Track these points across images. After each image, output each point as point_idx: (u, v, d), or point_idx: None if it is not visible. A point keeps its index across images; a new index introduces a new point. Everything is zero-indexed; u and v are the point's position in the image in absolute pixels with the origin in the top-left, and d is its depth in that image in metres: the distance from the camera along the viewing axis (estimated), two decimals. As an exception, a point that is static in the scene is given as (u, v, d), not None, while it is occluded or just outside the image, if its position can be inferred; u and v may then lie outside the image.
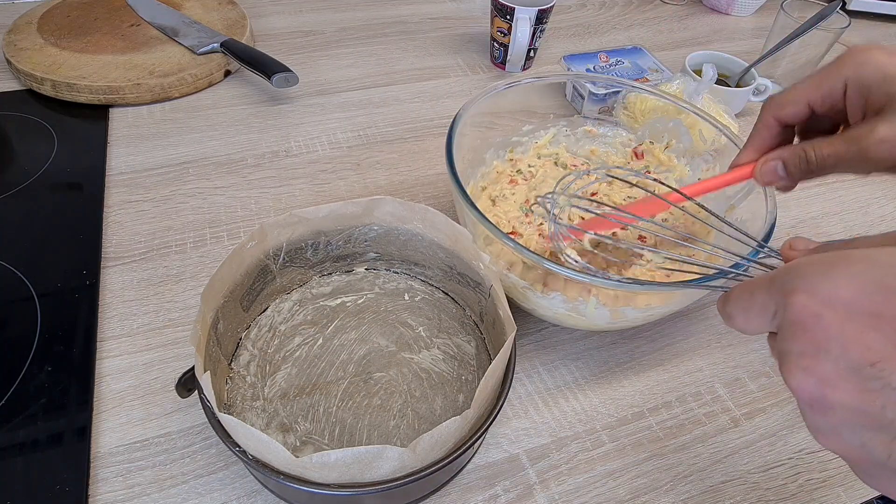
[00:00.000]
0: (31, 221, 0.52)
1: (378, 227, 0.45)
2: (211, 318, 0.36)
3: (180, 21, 0.73)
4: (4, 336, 0.43)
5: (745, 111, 0.74)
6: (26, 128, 0.61)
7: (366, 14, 0.86)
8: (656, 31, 0.90)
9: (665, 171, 0.55)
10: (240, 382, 0.40)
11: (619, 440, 0.42)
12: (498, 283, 0.39)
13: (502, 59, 0.76)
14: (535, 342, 0.47)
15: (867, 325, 0.20)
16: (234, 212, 0.55)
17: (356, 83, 0.72)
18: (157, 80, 0.65)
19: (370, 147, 0.64)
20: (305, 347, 0.43)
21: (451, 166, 0.43)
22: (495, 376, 0.33)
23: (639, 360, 0.47)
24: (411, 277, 0.48)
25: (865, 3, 0.98)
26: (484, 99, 0.49)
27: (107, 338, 0.44)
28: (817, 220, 0.61)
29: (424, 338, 0.44)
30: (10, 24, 0.71)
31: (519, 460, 0.40)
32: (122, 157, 0.59)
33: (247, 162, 0.60)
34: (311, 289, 0.46)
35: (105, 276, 0.48)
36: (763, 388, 0.46)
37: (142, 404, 0.41)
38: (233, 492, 0.37)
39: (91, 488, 0.36)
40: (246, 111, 0.66)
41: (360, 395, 0.40)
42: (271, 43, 0.78)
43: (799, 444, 0.42)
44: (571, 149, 0.58)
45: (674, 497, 0.39)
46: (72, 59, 0.65)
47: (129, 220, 0.53)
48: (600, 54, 0.76)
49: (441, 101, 0.71)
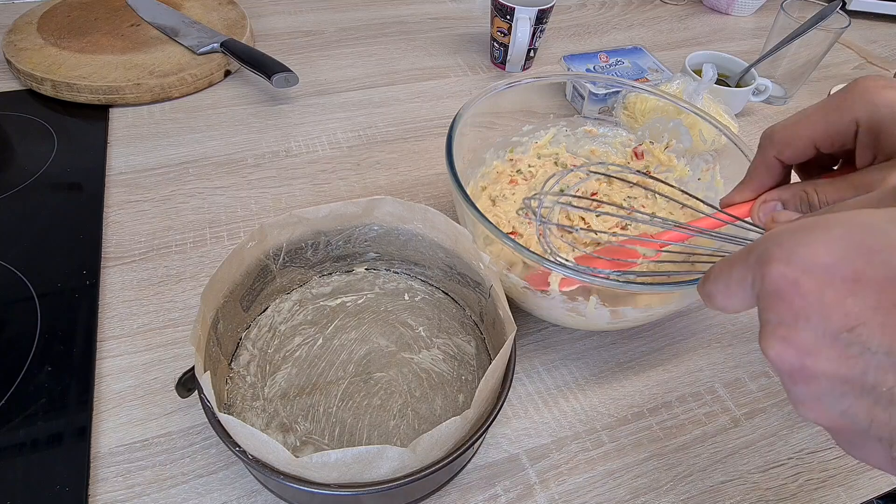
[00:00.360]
0: (31, 221, 0.52)
1: (378, 227, 0.45)
2: (211, 318, 0.36)
3: (180, 21, 0.73)
4: (4, 336, 0.43)
5: (745, 111, 0.74)
6: (26, 128, 0.61)
7: (366, 14, 0.86)
8: (656, 31, 0.90)
9: (665, 171, 0.55)
10: (240, 382, 0.40)
11: (619, 440, 0.42)
12: (498, 283, 0.39)
13: (502, 59, 0.76)
14: (535, 342, 0.47)
15: (846, 290, 0.19)
16: (234, 212, 0.55)
17: (356, 83, 0.72)
18: (157, 80, 0.65)
19: (370, 147, 0.64)
20: (305, 347, 0.43)
21: (452, 166, 0.43)
22: (495, 376, 0.33)
23: (639, 360, 0.47)
24: (411, 277, 0.48)
25: (865, 3, 0.98)
26: (484, 99, 0.49)
27: (107, 338, 0.44)
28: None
29: (424, 338, 0.44)
30: (10, 24, 0.71)
31: (519, 460, 0.40)
32: (122, 157, 0.59)
33: (247, 162, 0.60)
34: (311, 289, 0.46)
35: (105, 276, 0.48)
36: (763, 388, 0.46)
37: (142, 404, 0.41)
38: (233, 492, 0.37)
39: (91, 488, 0.36)
40: (246, 111, 0.66)
41: (360, 395, 0.40)
42: (271, 43, 0.78)
43: (799, 444, 0.42)
44: (571, 149, 0.58)
45: (674, 497, 0.39)
46: (72, 59, 0.65)
47: (129, 220, 0.53)
48: (600, 54, 0.76)
49: (441, 101, 0.71)
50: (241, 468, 0.38)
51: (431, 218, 0.42)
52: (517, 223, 0.49)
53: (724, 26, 0.94)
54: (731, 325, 0.50)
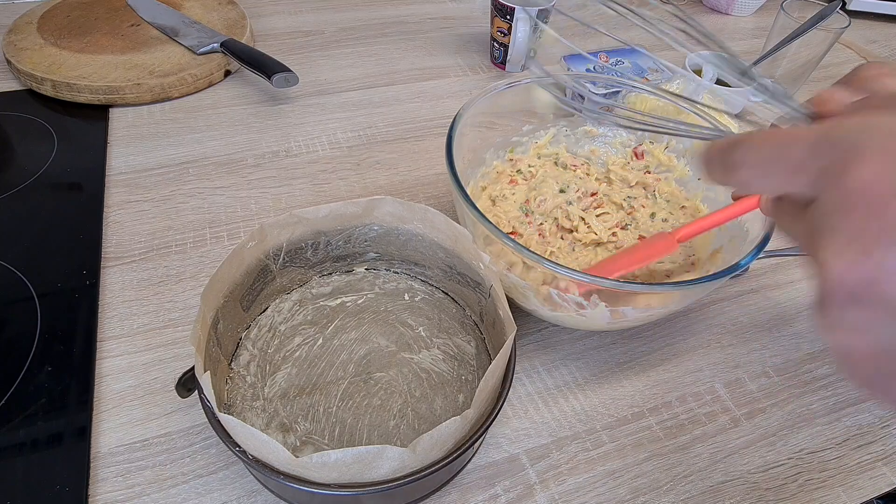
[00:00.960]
0: (31, 221, 0.52)
1: (378, 227, 0.45)
2: (211, 318, 0.36)
3: (180, 21, 0.73)
4: (4, 336, 0.43)
5: (745, 111, 0.74)
6: (26, 128, 0.61)
7: (366, 14, 0.86)
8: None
9: (665, 171, 0.55)
10: (240, 382, 0.40)
11: (619, 440, 0.42)
12: (498, 283, 0.39)
13: (502, 59, 0.76)
14: (535, 342, 0.47)
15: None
16: (234, 212, 0.55)
17: (356, 83, 0.72)
18: (157, 80, 0.65)
19: (370, 147, 0.64)
20: (305, 347, 0.43)
21: (452, 166, 0.43)
22: (495, 376, 0.33)
23: (639, 360, 0.47)
24: (411, 277, 0.48)
25: (865, 3, 0.98)
26: (484, 99, 0.49)
27: (107, 338, 0.44)
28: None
29: (424, 338, 0.44)
30: (10, 24, 0.71)
31: (519, 460, 0.40)
32: (122, 157, 0.59)
33: (247, 162, 0.60)
34: (311, 289, 0.46)
35: (105, 276, 0.48)
36: (763, 388, 0.46)
37: (142, 404, 0.41)
38: (233, 492, 0.37)
39: (91, 488, 0.36)
40: (246, 111, 0.66)
41: (360, 395, 0.40)
42: (271, 43, 0.78)
43: (799, 444, 0.42)
44: (571, 149, 0.58)
45: (674, 497, 0.39)
46: (72, 59, 0.65)
47: (129, 220, 0.53)
48: (600, 54, 0.76)
49: (441, 101, 0.71)
50: (241, 468, 0.38)
51: (431, 218, 0.42)
52: (517, 223, 0.49)
53: (724, 26, 0.94)
54: (732, 325, 0.50)
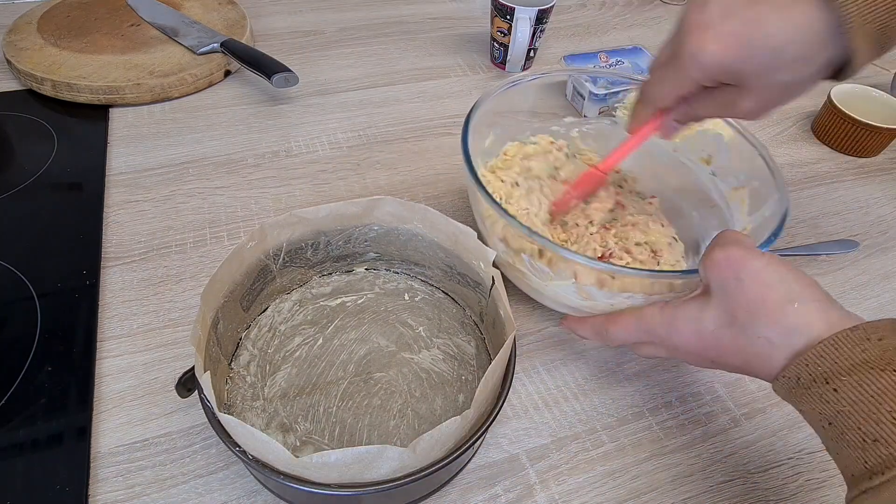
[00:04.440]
0: (31, 221, 0.52)
1: (378, 227, 0.45)
2: (211, 318, 0.36)
3: (180, 21, 0.73)
4: (4, 336, 0.43)
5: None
6: (26, 128, 0.62)
7: (366, 14, 0.86)
8: (656, 31, 0.90)
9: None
10: (240, 382, 0.40)
11: (619, 440, 0.42)
12: (499, 280, 0.38)
13: (502, 59, 0.76)
14: (535, 342, 0.47)
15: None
16: (234, 212, 0.55)
17: (356, 83, 0.72)
18: (157, 80, 0.65)
19: (370, 147, 0.64)
20: (305, 347, 0.43)
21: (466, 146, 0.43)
22: (495, 376, 0.33)
23: (639, 360, 0.47)
24: (411, 277, 0.48)
25: None
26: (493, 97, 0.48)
27: (107, 338, 0.44)
28: (817, 219, 0.61)
29: (424, 338, 0.44)
30: (10, 24, 0.71)
31: (519, 460, 0.40)
32: (122, 157, 0.59)
33: (247, 162, 0.60)
34: (311, 289, 0.46)
35: (105, 276, 0.48)
36: (763, 388, 0.46)
37: (142, 404, 0.41)
38: (233, 492, 0.37)
39: (91, 488, 0.36)
40: (246, 111, 0.66)
41: (360, 395, 0.40)
42: (271, 43, 0.78)
43: (799, 444, 0.42)
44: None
45: (674, 497, 0.39)
46: (72, 59, 0.65)
47: (129, 220, 0.53)
48: (600, 54, 0.76)
49: (441, 101, 0.71)
50: (241, 468, 0.38)
51: (431, 218, 0.42)
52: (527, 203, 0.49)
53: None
54: (731, 325, 0.50)
